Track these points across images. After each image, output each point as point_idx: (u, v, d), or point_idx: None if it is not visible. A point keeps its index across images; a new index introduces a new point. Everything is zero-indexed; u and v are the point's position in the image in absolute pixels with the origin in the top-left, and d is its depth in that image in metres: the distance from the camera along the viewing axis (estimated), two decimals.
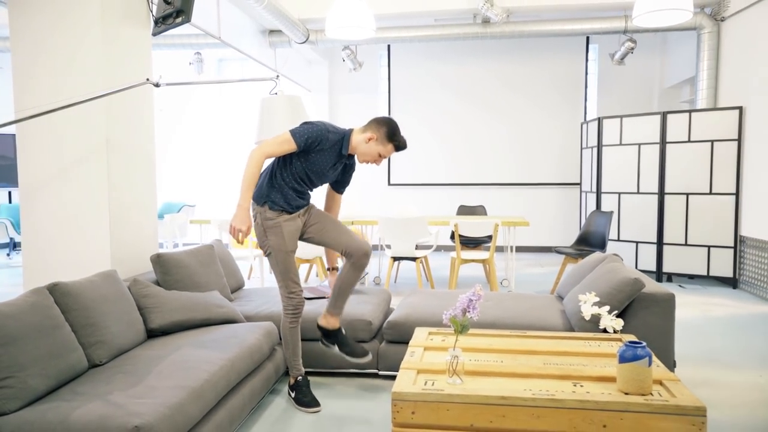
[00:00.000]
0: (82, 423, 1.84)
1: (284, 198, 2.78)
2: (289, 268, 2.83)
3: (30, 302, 2.22)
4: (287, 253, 2.81)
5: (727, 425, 2.63)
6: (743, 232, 5.74)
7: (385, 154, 2.74)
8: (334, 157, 2.76)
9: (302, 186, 2.80)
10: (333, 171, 2.84)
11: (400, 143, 2.74)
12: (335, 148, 2.74)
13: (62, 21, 3.31)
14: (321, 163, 2.75)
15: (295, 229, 2.84)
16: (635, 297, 2.94)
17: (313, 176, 2.79)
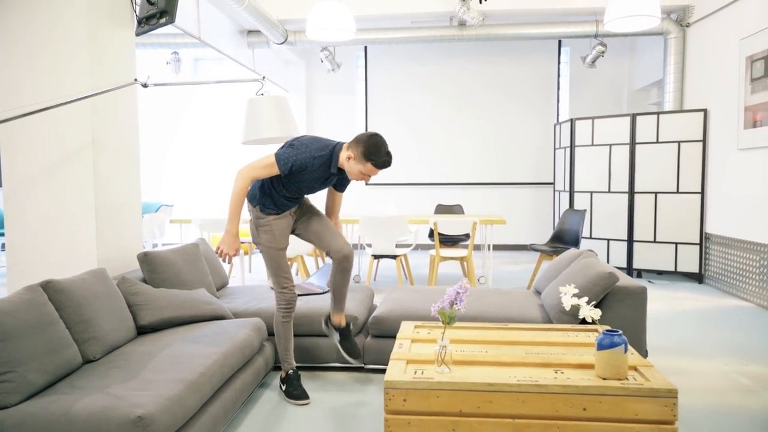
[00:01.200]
0: (84, 414, 1.89)
1: (275, 203, 2.83)
2: (280, 265, 2.88)
3: (25, 299, 2.25)
4: (278, 251, 2.87)
5: (697, 410, 2.79)
6: (708, 230, 5.99)
7: (367, 173, 2.68)
8: (324, 173, 2.76)
9: (294, 195, 2.84)
10: (326, 184, 2.86)
11: (376, 162, 2.63)
12: (324, 167, 2.73)
13: (47, 20, 3.32)
14: (310, 181, 2.77)
15: (285, 227, 2.89)
16: (609, 290, 3.09)
17: (305, 189, 2.83)
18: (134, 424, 1.87)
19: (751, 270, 5.17)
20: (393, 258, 5.47)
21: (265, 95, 3.52)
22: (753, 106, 5.06)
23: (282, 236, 2.87)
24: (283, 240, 2.87)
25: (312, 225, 2.95)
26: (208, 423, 2.31)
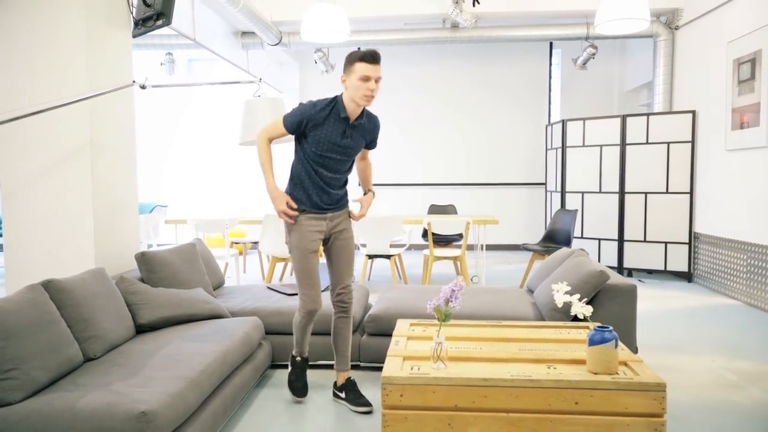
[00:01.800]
0: (89, 410, 1.93)
1: (306, 194, 2.72)
2: (304, 270, 2.74)
3: (27, 298, 2.29)
4: (306, 253, 2.72)
5: (685, 405, 2.87)
6: (697, 229, 6.09)
7: (365, 75, 2.55)
8: (339, 125, 2.66)
9: (322, 172, 2.70)
10: (347, 140, 2.69)
11: (361, 56, 2.56)
12: (333, 117, 2.65)
13: (46, 22, 3.35)
14: (327, 137, 2.65)
15: (316, 230, 2.74)
16: (600, 288, 3.16)
17: (329, 153, 2.68)
18: (137, 419, 1.91)
19: (738, 269, 5.26)
20: (387, 258, 5.52)
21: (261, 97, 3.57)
22: (740, 108, 5.16)
23: (311, 238, 2.72)
24: (312, 242, 2.72)
25: (338, 252, 2.83)
26: (208, 419, 2.35)
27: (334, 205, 2.80)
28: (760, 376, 3.29)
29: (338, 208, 2.83)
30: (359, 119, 2.72)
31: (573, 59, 7.64)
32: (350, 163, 2.80)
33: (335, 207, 2.81)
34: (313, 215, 2.74)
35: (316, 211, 2.74)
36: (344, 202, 2.88)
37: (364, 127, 2.76)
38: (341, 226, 2.83)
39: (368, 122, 2.78)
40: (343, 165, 2.76)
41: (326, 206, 2.77)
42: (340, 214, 2.84)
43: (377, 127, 2.85)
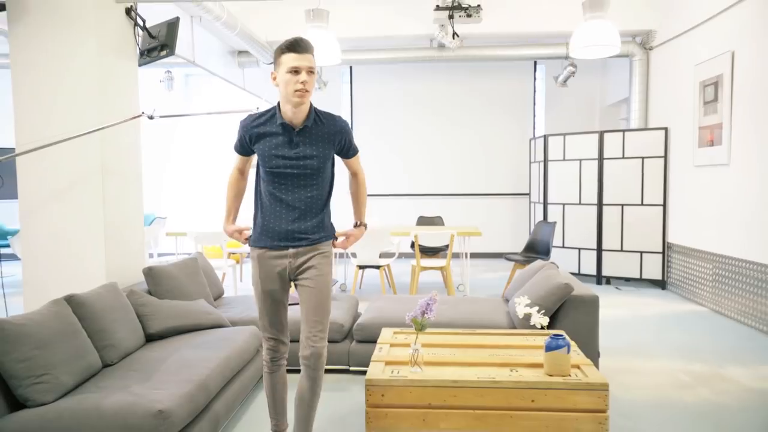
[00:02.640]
0: (113, 409, 2.25)
1: (262, 225, 2.41)
2: (261, 310, 2.49)
3: (53, 312, 2.60)
4: (259, 293, 2.46)
5: (638, 403, 3.20)
6: (670, 239, 6.44)
7: (293, 67, 2.22)
8: (282, 134, 2.33)
9: (275, 193, 2.36)
10: (298, 149, 2.32)
11: (289, 44, 2.24)
12: (272, 125, 2.34)
13: (63, 56, 3.66)
14: (271, 150, 2.33)
15: (273, 269, 2.41)
16: (566, 299, 3.49)
17: (279, 168, 2.33)
18: (155, 416, 2.23)
19: (704, 277, 5.62)
20: (377, 268, 5.85)
21: None
22: (705, 127, 5.53)
23: (266, 277, 2.41)
24: (266, 281, 2.41)
25: (302, 291, 2.41)
26: (213, 417, 2.67)
27: (298, 239, 2.37)
28: (710, 377, 3.63)
29: (305, 242, 2.38)
30: (306, 123, 2.33)
31: (554, 77, 8.00)
32: (315, 181, 2.37)
33: (300, 242, 2.37)
34: (271, 254, 2.39)
35: (275, 248, 2.38)
36: (317, 236, 2.40)
37: (319, 131, 2.35)
38: (310, 263, 2.39)
39: (324, 125, 2.37)
40: (301, 182, 2.35)
41: (286, 242, 2.37)
42: (307, 250, 2.39)
43: (342, 130, 2.40)
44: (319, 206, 2.41)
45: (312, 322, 2.37)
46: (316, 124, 2.36)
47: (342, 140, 2.42)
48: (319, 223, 2.42)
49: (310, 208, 2.39)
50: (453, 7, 4.87)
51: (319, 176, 2.38)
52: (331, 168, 2.47)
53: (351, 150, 2.49)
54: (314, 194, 2.39)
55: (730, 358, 4.01)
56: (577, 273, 7.07)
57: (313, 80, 2.28)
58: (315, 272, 2.39)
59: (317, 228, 2.41)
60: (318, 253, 2.41)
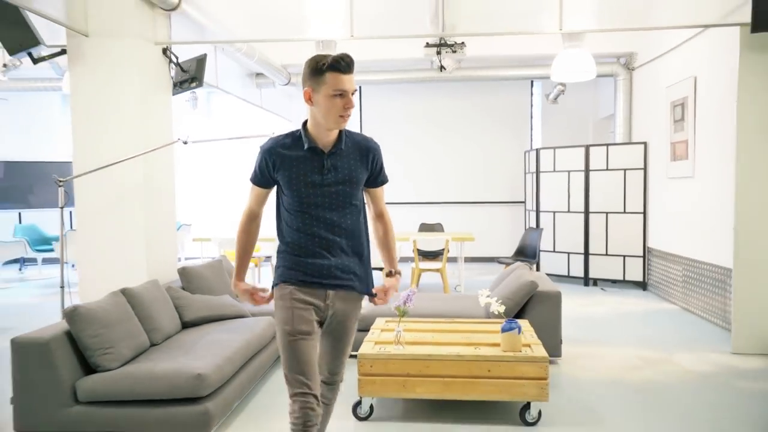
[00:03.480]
0: (163, 373, 2.94)
1: (294, 260, 2.12)
2: (292, 357, 2.06)
3: (113, 301, 3.31)
4: (292, 336, 2.07)
5: (587, 381, 3.83)
6: (650, 244, 7.03)
7: (340, 89, 1.97)
8: (311, 159, 2.08)
9: (310, 226, 2.09)
10: (329, 175, 2.08)
11: (334, 62, 1.96)
12: (298, 151, 2.08)
13: (110, 87, 4.39)
14: (299, 177, 2.07)
15: (307, 307, 2.10)
16: (533, 294, 4.13)
17: (309, 197, 2.08)
18: (195, 378, 2.91)
19: (676, 278, 6.20)
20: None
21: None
22: (675, 143, 6.12)
23: (298, 318, 2.07)
24: (299, 323, 2.06)
25: (331, 332, 2.22)
26: (237, 386, 3.35)
27: (340, 276, 2.13)
28: (659, 361, 4.24)
29: (346, 285, 2.16)
30: (338, 146, 2.10)
31: (546, 95, 8.63)
32: (350, 210, 2.14)
33: (341, 281, 2.14)
34: (304, 290, 2.11)
35: (307, 285, 2.11)
36: (362, 276, 2.22)
37: (351, 153, 2.13)
38: (346, 313, 2.21)
39: (355, 147, 2.14)
40: (336, 217, 2.11)
41: (321, 283, 2.12)
42: (345, 298, 2.18)
43: (372, 151, 2.18)
44: (353, 239, 2.17)
45: (335, 366, 2.30)
46: (347, 146, 2.12)
47: (374, 162, 2.18)
48: (359, 261, 2.21)
49: (344, 238, 2.14)
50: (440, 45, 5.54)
51: (353, 204, 2.15)
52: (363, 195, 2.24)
53: (381, 176, 2.24)
54: (347, 224, 2.13)
55: (682, 347, 4.61)
56: (567, 275, 7.68)
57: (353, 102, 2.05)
58: (349, 320, 2.23)
59: (357, 267, 2.19)
60: (357, 303, 2.24)
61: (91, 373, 3.01)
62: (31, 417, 2.96)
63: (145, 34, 4.46)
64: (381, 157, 2.24)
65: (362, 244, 2.22)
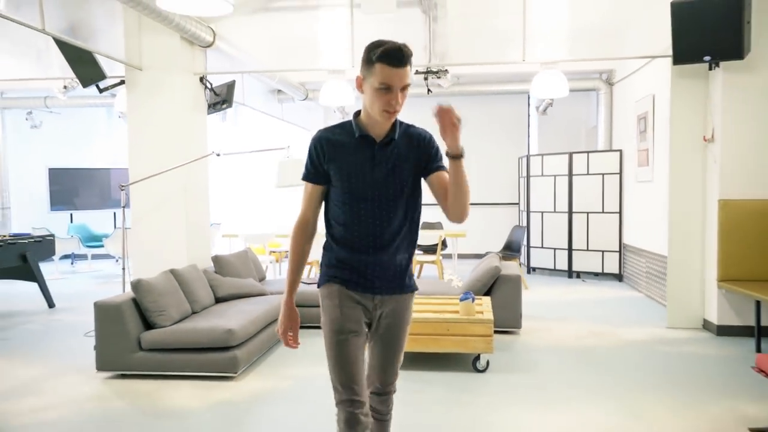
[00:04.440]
0: (203, 328, 3.97)
1: (338, 261, 2.00)
2: (339, 360, 1.95)
3: (165, 278, 4.36)
4: (339, 337, 1.96)
5: (538, 347, 4.74)
6: (625, 241, 7.88)
7: (385, 83, 1.82)
8: (362, 148, 1.94)
9: (357, 224, 1.95)
10: (380, 168, 1.94)
11: (384, 52, 1.81)
12: (349, 138, 1.95)
13: (159, 109, 5.46)
14: (350, 168, 1.93)
15: (354, 306, 1.98)
16: (497, 277, 5.06)
17: (360, 192, 1.93)
18: (226, 332, 3.93)
19: (641, 270, 7.05)
20: None
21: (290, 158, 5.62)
22: (640, 151, 6.99)
23: (346, 316, 1.96)
24: (347, 321, 1.96)
25: (380, 335, 2.05)
26: (258, 343, 4.36)
27: (388, 281, 1.99)
28: (603, 333, 5.14)
29: (395, 288, 2.02)
30: (390, 135, 1.96)
31: (536, 107, 9.52)
32: (400, 210, 1.98)
33: (389, 286, 2.00)
34: (348, 288, 1.98)
35: (353, 284, 1.98)
36: (407, 278, 2.05)
37: (407, 144, 1.98)
38: (396, 313, 2.03)
39: (408, 138, 1.99)
40: (386, 211, 1.95)
41: (371, 282, 1.98)
42: (396, 299, 2.03)
43: (422, 139, 2.00)
44: (408, 239, 2.02)
45: (385, 372, 2.09)
46: (401, 137, 1.97)
47: (426, 149, 1.99)
48: (406, 264, 2.04)
49: (393, 240, 1.96)
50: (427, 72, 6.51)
51: (404, 198, 1.98)
52: (420, 193, 2.05)
53: (436, 161, 2.00)
54: (397, 224, 1.96)
55: (628, 324, 5.49)
56: (553, 269, 8.56)
57: (405, 97, 1.88)
58: (400, 319, 2.04)
59: (405, 268, 2.03)
60: (405, 303, 2.05)
61: (150, 329, 4.06)
62: (108, 360, 4.02)
63: (186, 67, 5.53)
64: (433, 142, 2.01)
65: (413, 242, 2.05)
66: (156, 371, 4.00)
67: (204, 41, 5.58)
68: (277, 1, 5.59)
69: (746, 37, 4.42)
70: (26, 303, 6.75)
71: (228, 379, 3.99)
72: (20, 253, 6.04)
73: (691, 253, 5.22)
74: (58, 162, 10.33)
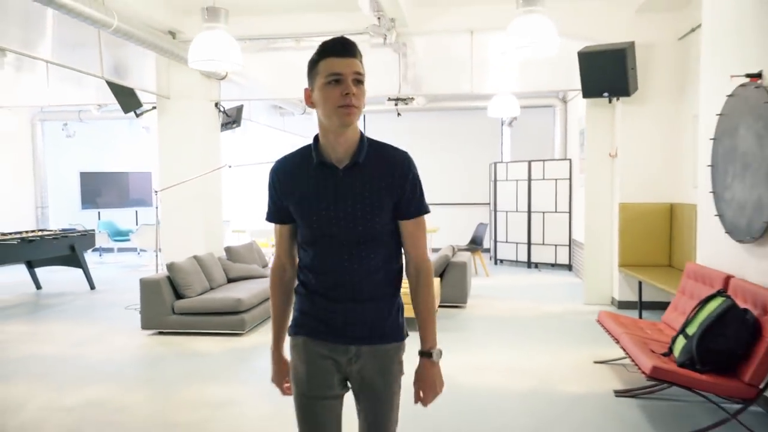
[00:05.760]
0: (219, 298, 5.39)
1: (306, 306, 1.72)
2: (303, 426, 1.71)
3: (190, 261, 5.79)
4: (305, 398, 1.70)
5: (481, 316, 6.13)
6: (573, 236, 9.25)
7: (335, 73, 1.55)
8: (323, 177, 1.64)
9: (321, 264, 1.67)
10: (345, 200, 1.62)
11: (327, 46, 1.58)
12: (307, 166, 1.66)
13: (183, 129, 6.88)
14: (308, 201, 1.64)
15: (324, 361, 1.69)
16: (448, 263, 6.45)
17: (322, 227, 1.64)
18: (236, 301, 5.34)
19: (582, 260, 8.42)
20: None
21: None
22: (581, 160, 8.36)
23: (311, 375, 1.69)
24: (312, 382, 1.69)
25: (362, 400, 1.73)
26: (261, 309, 5.77)
27: (365, 328, 1.68)
28: (531, 308, 6.51)
29: (374, 337, 1.68)
30: (355, 159, 1.63)
31: (501, 120, 10.89)
32: (380, 249, 1.67)
33: (367, 334, 1.68)
34: (315, 343, 1.69)
35: (322, 338, 1.69)
36: (393, 324, 1.72)
37: (376, 169, 1.65)
38: (379, 364, 1.70)
39: (380, 161, 1.66)
40: (359, 252, 1.64)
41: (342, 330, 1.67)
42: (377, 351, 1.69)
43: (400, 166, 1.67)
44: (392, 284, 1.73)
45: None
46: (370, 160, 1.65)
47: (403, 180, 1.66)
48: (388, 310, 1.71)
49: (380, 288, 1.69)
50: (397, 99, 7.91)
51: (378, 234, 1.66)
52: (396, 226, 1.71)
53: (415, 202, 1.68)
54: (381, 267, 1.68)
55: (554, 301, 6.86)
56: (516, 260, 9.94)
57: (362, 93, 1.60)
58: (382, 384, 1.70)
59: (384, 311, 1.71)
60: (392, 355, 1.71)
61: (180, 299, 5.48)
62: (149, 321, 5.44)
63: (204, 96, 6.95)
64: (414, 175, 1.69)
65: (398, 285, 1.75)
66: (185, 329, 5.42)
67: (218, 75, 7.00)
68: (276, 42, 6.98)
69: (631, 80, 5.78)
70: (71, 285, 8.20)
71: (238, 335, 5.41)
72: (70, 245, 7.48)
73: (602, 245, 6.61)
74: (88, 166, 11.78)
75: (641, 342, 3.60)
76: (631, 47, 5.73)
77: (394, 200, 1.67)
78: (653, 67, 6.01)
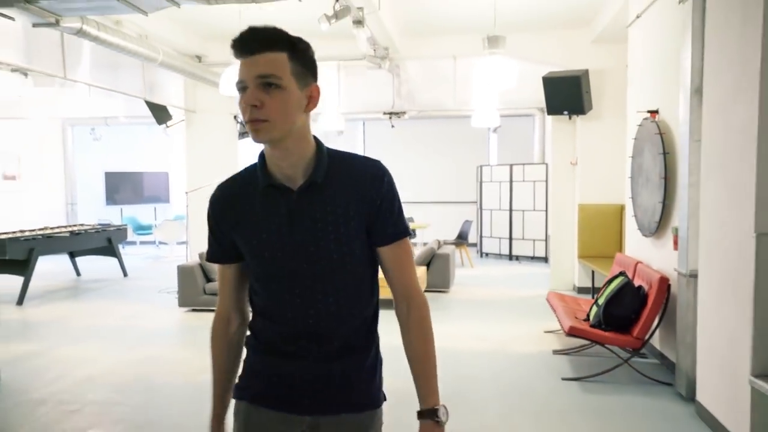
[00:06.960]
0: None
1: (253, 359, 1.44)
2: None
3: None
4: None
5: (465, 300, 7.28)
6: (549, 232, 10.37)
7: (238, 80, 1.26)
8: (273, 203, 1.33)
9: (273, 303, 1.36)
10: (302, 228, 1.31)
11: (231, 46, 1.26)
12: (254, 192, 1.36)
13: (206, 138, 8.01)
14: (257, 230, 1.34)
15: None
16: (434, 254, 7.59)
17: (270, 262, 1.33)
18: None
19: None
20: None
21: None
22: None
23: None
24: None
25: None
26: None
27: (326, 393, 1.36)
28: (504, 293, 7.66)
29: (339, 405, 1.36)
30: (312, 178, 1.32)
31: (487, 128, 12.02)
32: (348, 287, 1.35)
33: (328, 402, 1.36)
34: (269, 412, 1.38)
35: (271, 406, 1.37)
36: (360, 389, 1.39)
37: (339, 188, 1.32)
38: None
39: (348, 177, 1.35)
40: (322, 292, 1.33)
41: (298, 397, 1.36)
42: (342, 422, 1.36)
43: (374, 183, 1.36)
44: (358, 329, 1.38)
45: None
46: (330, 177, 1.33)
47: (379, 199, 1.34)
48: (361, 367, 1.39)
49: (348, 338, 1.36)
50: (391, 113, 9.04)
51: (347, 269, 1.34)
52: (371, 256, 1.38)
53: (392, 223, 1.37)
54: (340, 302, 1.34)
55: (524, 288, 7.99)
56: (499, 254, 11.08)
57: (280, 100, 1.26)
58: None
59: (353, 371, 1.38)
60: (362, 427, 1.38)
61: (210, 281, 6.63)
62: (185, 300, 6.59)
63: (224, 110, 8.10)
64: (389, 188, 1.37)
65: (364, 335, 1.40)
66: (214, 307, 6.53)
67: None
68: None
69: (586, 101, 6.92)
70: (106, 273, 9.36)
71: None
72: (107, 237, 8.63)
73: (565, 239, 7.76)
74: (112, 167, 12.93)
75: (571, 312, 4.75)
76: (585, 74, 6.86)
77: (366, 223, 1.32)
78: (605, 90, 7.14)
